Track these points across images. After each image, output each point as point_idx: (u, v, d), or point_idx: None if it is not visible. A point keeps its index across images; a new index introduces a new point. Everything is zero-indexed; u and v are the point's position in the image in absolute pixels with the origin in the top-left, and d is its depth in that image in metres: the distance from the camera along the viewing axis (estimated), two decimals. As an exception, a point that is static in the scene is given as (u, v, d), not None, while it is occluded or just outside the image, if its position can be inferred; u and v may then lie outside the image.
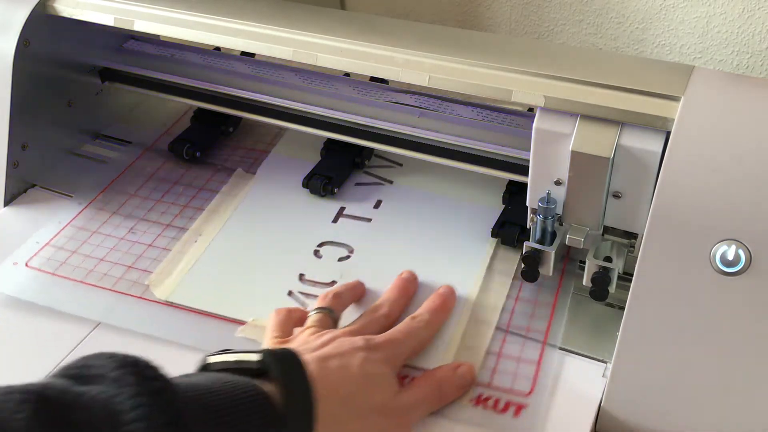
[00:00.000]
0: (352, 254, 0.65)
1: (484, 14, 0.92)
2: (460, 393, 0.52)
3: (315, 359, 0.45)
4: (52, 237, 0.69)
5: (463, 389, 0.52)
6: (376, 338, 0.51)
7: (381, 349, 0.50)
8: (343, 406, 0.44)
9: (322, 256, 0.65)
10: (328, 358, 0.46)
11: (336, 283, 0.62)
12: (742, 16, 0.78)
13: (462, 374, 0.52)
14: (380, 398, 0.47)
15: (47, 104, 0.75)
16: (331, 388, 0.44)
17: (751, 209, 0.45)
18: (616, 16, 0.85)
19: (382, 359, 0.49)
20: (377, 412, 0.46)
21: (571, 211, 0.56)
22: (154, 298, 0.62)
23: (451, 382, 0.52)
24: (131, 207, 0.73)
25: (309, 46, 0.60)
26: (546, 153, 0.54)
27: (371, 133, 0.68)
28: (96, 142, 0.81)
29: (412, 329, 0.54)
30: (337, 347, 0.48)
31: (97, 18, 0.68)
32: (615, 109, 0.51)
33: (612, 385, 0.51)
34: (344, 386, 0.45)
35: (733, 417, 0.48)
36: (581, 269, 0.61)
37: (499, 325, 0.58)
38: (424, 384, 0.51)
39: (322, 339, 0.50)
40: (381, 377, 0.48)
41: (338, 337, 0.50)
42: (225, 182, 0.74)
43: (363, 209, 0.70)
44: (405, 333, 0.53)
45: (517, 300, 0.60)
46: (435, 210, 0.69)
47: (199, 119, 0.81)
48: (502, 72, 0.54)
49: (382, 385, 0.48)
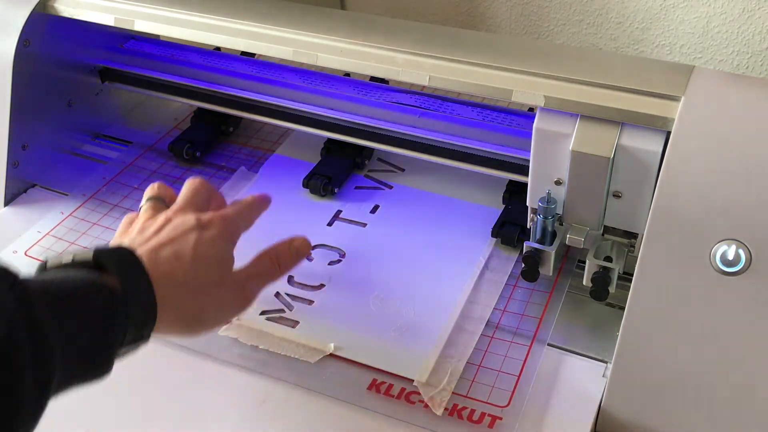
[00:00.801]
0: (343, 258, 0.65)
1: (484, 14, 0.92)
2: (296, 262, 0.55)
3: (148, 251, 0.47)
4: (53, 227, 0.70)
5: (299, 258, 0.55)
6: (209, 214, 0.52)
7: (214, 224, 0.51)
8: (180, 286, 0.47)
9: (313, 258, 0.65)
10: (160, 247, 0.48)
11: (324, 286, 0.62)
12: (742, 16, 0.78)
13: (297, 247, 0.55)
14: (215, 274, 0.49)
15: (47, 104, 0.75)
16: (165, 274, 0.46)
17: (751, 209, 0.45)
18: (616, 16, 0.85)
19: (216, 235, 0.50)
20: (215, 285, 0.49)
21: (571, 211, 0.56)
22: None
23: (287, 254, 0.55)
24: (132, 201, 0.73)
25: (309, 46, 0.60)
26: (546, 153, 0.54)
27: (372, 134, 0.68)
28: (96, 142, 0.81)
29: (243, 204, 0.56)
30: (170, 232, 0.49)
31: (97, 18, 0.68)
32: (615, 109, 0.51)
33: (612, 385, 0.51)
34: (179, 270, 0.47)
35: (733, 417, 0.48)
36: (579, 269, 0.61)
37: (489, 323, 0.58)
38: (261, 259, 0.53)
39: (156, 224, 0.50)
40: (215, 255, 0.50)
41: (171, 218, 0.51)
42: (225, 181, 0.74)
43: (360, 213, 0.70)
44: (238, 209, 0.55)
45: (509, 300, 0.60)
46: (432, 213, 0.69)
47: (200, 119, 0.81)
48: (502, 72, 0.54)
49: (217, 262, 0.50)
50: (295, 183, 0.73)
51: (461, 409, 0.52)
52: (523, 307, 0.60)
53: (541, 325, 0.58)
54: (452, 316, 0.58)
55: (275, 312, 0.60)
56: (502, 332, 0.58)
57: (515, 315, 0.59)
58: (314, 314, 0.60)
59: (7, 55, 0.69)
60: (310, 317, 0.60)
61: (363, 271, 0.64)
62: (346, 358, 0.56)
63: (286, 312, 0.60)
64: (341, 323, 0.59)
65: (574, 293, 0.60)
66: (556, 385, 0.54)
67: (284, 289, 0.62)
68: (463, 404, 0.53)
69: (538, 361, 0.55)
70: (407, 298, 0.61)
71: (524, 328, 0.58)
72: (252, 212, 0.56)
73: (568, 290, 0.61)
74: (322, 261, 0.65)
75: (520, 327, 0.58)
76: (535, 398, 0.53)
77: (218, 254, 0.50)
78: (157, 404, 0.55)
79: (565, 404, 0.52)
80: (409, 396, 0.54)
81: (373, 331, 0.58)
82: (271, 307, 0.61)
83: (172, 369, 0.57)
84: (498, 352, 0.56)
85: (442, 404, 0.52)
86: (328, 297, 0.62)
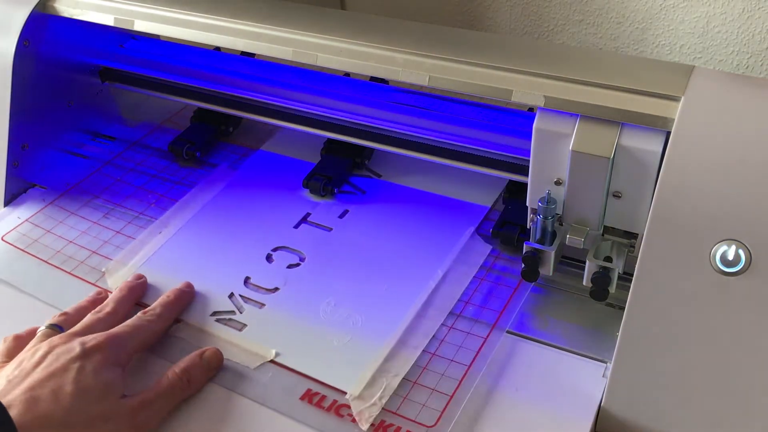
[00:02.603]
0: (302, 262, 0.65)
1: (484, 14, 0.92)
2: (209, 376, 0.54)
3: (22, 393, 0.45)
4: (33, 214, 0.71)
5: (211, 372, 0.54)
6: (95, 338, 0.51)
7: (100, 350, 0.50)
8: (61, 428, 0.45)
9: (273, 260, 0.65)
10: (37, 386, 0.46)
11: (278, 290, 0.62)
12: (742, 16, 0.78)
13: (208, 358, 0.54)
14: (102, 406, 0.47)
15: (47, 104, 0.75)
16: (45, 417, 0.44)
17: (751, 209, 0.45)
18: (616, 16, 0.85)
19: (101, 362, 0.49)
20: (102, 419, 0.47)
21: (571, 211, 0.56)
22: (106, 287, 0.63)
23: (198, 367, 0.53)
24: (112, 193, 0.73)
25: (309, 46, 0.60)
26: (546, 153, 0.54)
27: (372, 134, 0.68)
28: (96, 142, 0.81)
29: (141, 322, 0.55)
30: (49, 366, 0.48)
31: (97, 18, 0.68)
32: (615, 109, 0.51)
33: (612, 385, 0.51)
34: (57, 411, 0.45)
35: (733, 417, 0.48)
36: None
37: (435, 338, 0.57)
38: (164, 379, 0.52)
39: (37, 356, 0.49)
40: (99, 386, 0.48)
41: (56, 346, 0.50)
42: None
43: (328, 218, 0.69)
44: (132, 327, 0.54)
45: (458, 317, 0.59)
46: (404, 218, 0.68)
47: (199, 119, 0.81)
48: (502, 72, 0.54)
49: (100, 394, 0.48)
50: (275, 181, 0.72)
51: (387, 426, 0.51)
52: (471, 326, 0.58)
53: (483, 349, 0.56)
54: (399, 330, 0.57)
55: (225, 314, 0.60)
56: (444, 349, 0.57)
57: (462, 333, 0.58)
58: (263, 318, 0.60)
59: (7, 55, 0.69)
60: (258, 321, 0.59)
61: (320, 277, 0.63)
62: (286, 366, 0.56)
63: (236, 314, 0.60)
64: (287, 329, 0.58)
65: (573, 293, 0.60)
66: (556, 385, 0.54)
67: (240, 291, 0.62)
68: (390, 421, 0.51)
69: (471, 386, 0.54)
70: (360, 306, 0.60)
71: (468, 347, 0.57)
72: (154, 333, 0.55)
73: (569, 290, 0.61)
74: (281, 264, 0.64)
75: (457, 356, 0.56)
76: (534, 398, 0.53)
77: (102, 384, 0.48)
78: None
79: (565, 404, 0.52)
80: (339, 409, 0.52)
81: (317, 339, 0.57)
82: (222, 308, 0.61)
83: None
84: (437, 369, 0.55)
85: (370, 419, 0.51)
86: (279, 301, 0.61)
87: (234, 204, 0.71)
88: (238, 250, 0.66)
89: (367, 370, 0.54)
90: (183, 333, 0.59)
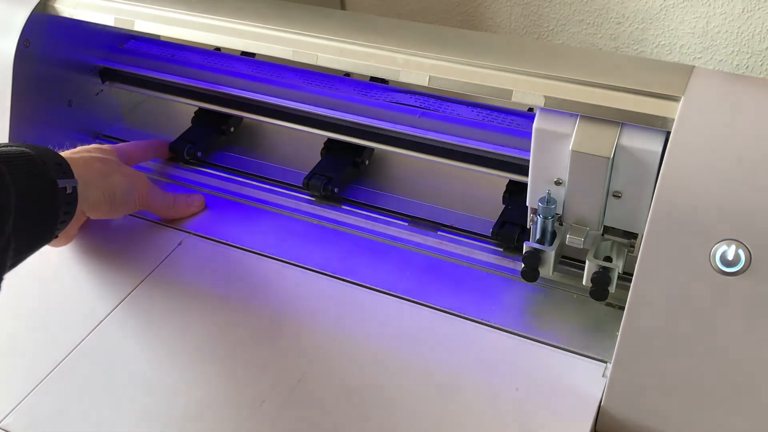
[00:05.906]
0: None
1: (484, 14, 0.92)
2: (189, 211, 0.70)
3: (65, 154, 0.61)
4: None
5: (192, 208, 0.70)
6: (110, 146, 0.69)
7: (113, 151, 0.67)
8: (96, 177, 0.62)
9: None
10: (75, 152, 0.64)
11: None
12: (742, 16, 0.78)
13: (193, 200, 0.70)
14: (107, 166, 0.64)
15: (47, 104, 0.75)
16: (80, 165, 0.60)
17: (751, 209, 0.45)
18: (616, 16, 0.85)
19: (117, 160, 0.67)
20: (119, 173, 0.64)
21: (570, 211, 0.56)
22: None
23: (182, 199, 0.70)
24: None
25: (309, 46, 0.60)
26: (546, 153, 0.54)
27: (372, 134, 0.68)
28: (96, 142, 0.81)
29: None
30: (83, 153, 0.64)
31: (97, 18, 0.68)
32: (615, 109, 0.51)
33: (612, 385, 0.51)
34: (90, 168, 0.62)
35: (733, 417, 0.48)
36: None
37: None
38: (169, 195, 0.69)
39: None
40: (116, 165, 0.65)
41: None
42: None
43: None
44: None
45: None
46: None
47: (200, 119, 0.81)
48: (502, 72, 0.54)
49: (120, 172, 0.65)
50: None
51: None
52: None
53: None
54: None
55: None
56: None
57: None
58: None
59: (8, 55, 0.69)
60: None
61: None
62: None
63: None
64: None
65: (573, 293, 0.60)
66: (556, 385, 0.54)
67: None
68: None
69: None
70: None
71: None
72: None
73: (569, 290, 0.61)
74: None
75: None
76: (534, 398, 0.53)
77: (120, 164, 0.66)
78: (156, 404, 0.55)
79: (565, 404, 0.52)
80: None
81: None
82: None
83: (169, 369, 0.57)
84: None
85: None
86: None
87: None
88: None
89: None
90: None
